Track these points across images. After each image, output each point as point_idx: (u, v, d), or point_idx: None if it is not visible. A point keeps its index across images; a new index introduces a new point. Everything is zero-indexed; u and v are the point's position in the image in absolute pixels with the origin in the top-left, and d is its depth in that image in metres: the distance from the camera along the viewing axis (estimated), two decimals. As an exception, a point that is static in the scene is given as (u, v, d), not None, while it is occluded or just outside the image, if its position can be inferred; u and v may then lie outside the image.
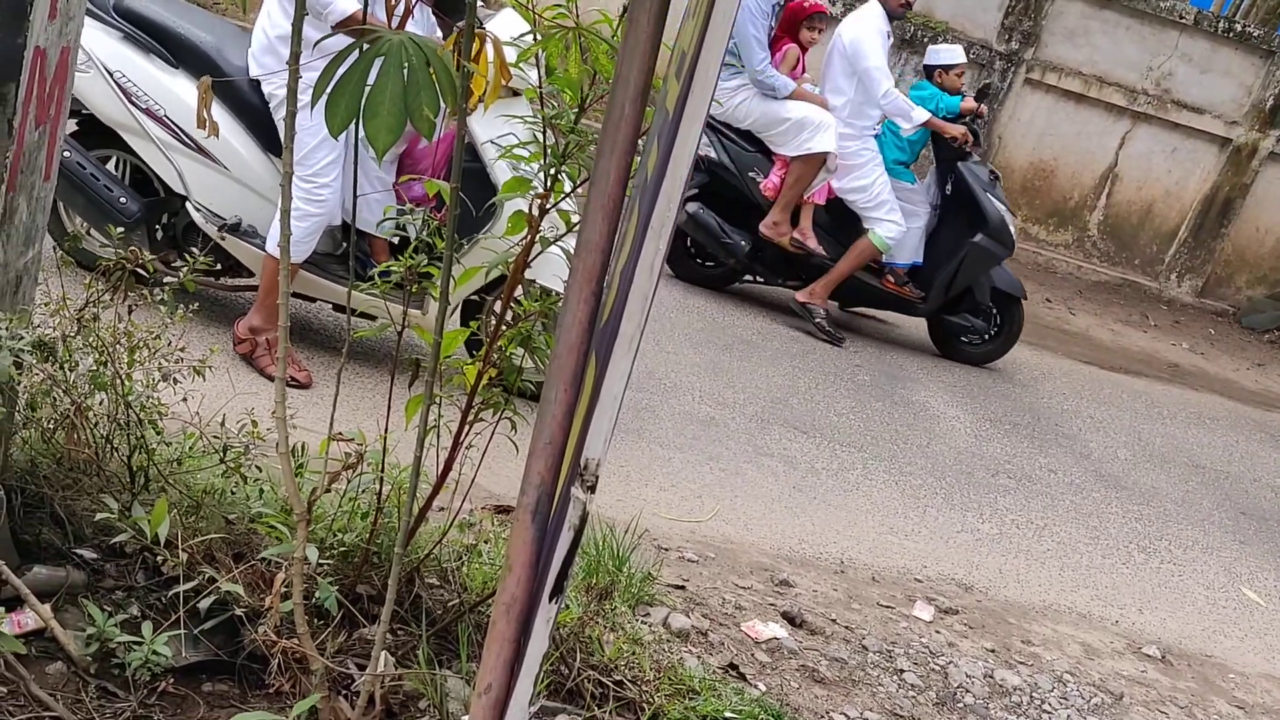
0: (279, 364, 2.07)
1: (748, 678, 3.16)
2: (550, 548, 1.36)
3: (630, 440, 4.50)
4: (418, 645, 2.45)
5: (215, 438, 2.59)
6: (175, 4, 4.39)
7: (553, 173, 2.26)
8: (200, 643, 2.35)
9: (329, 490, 2.29)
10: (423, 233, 2.40)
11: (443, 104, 1.63)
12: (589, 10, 2.11)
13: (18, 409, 2.42)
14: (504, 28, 3.96)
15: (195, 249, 4.32)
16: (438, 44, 1.74)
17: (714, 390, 5.33)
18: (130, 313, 2.55)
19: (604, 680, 2.65)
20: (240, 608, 2.33)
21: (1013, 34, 9.81)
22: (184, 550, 2.30)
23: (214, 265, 4.36)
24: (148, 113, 4.12)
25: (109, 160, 4.34)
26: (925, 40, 9.36)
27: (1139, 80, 9.91)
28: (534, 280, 3.79)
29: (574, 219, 2.33)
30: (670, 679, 2.79)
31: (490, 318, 2.59)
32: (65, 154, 4.05)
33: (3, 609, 2.18)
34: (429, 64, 1.60)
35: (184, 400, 2.59)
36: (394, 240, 4.19)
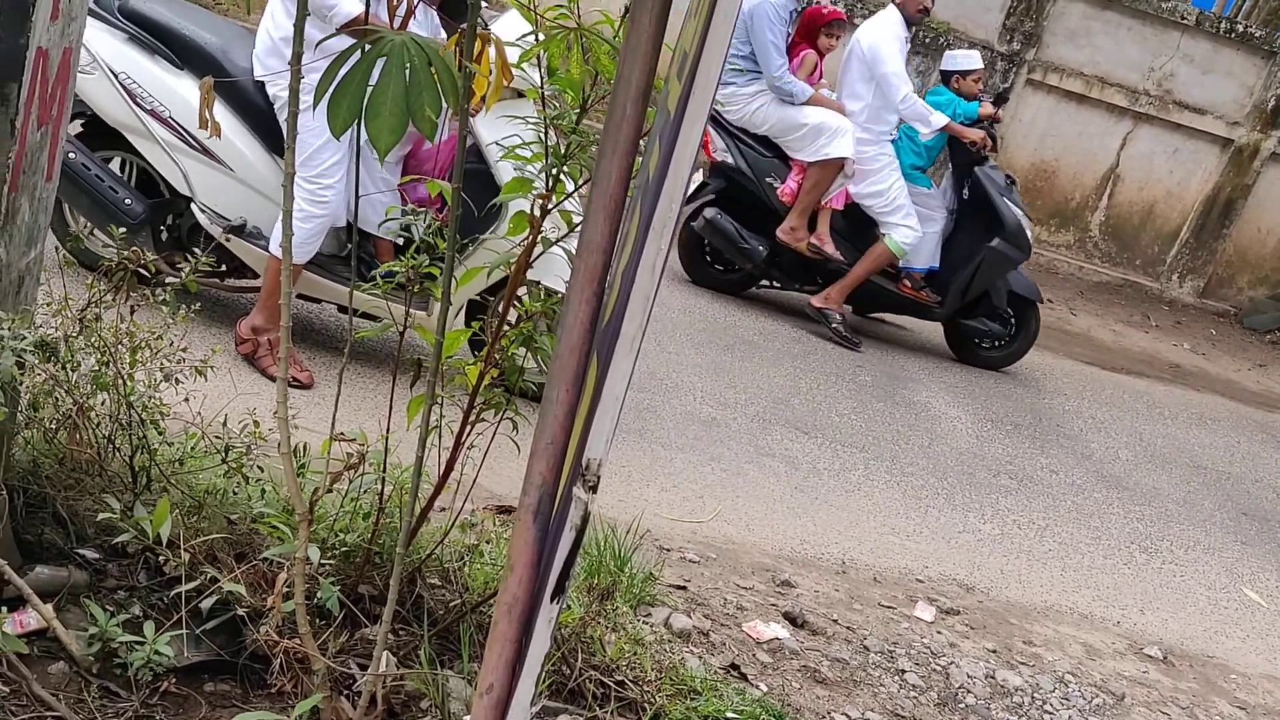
0: (281, 364, 2.07)
1: (749, 678, 3.16)
2: (552, 548, 1.36)
3: (632, 441, 4.51)
4: (419, 645, 2.45)
5: (217, 438, 2.59)
6: (180, 5, 4.40)
7: (554, 173, 2.26)
8: (202, 643, 2.35)
9: (331, 490, 2.29)
10: (426, 234, 2.40)
11: (445, 105, 1.63)
12: (590, 11, 2.11)
13: (20, 409, 2.42)
14: (509, 29, 3.96)
15: (199, 250, 4.33)
16: (440, 45, 1.74)
17: (716, 390, 5.33)
18: (132, 313, 2.56)
19: (605, 680, 2.65)
20: (242, 608, 2.33)
21: (1014, 34, 9.80)
22: (186, 550, 2.30)
23: (219, 267, 4.38)
24: (152, 114, 4.12)
25: (111, 161, 4.34)
26: (926, 40, 9.37)
27: (1140, 81, 9.91)
28: (539, 281, 3.80)
29: (575, 219, 2.33)
30: (672, 679, 2.79)
31: (494, 318, 2.59)
32: (70, 155, 4.06)
33: (5, 609, 2.19)
34: (431, 65, 1.60)
35: (186, 400, 2.59)
36: (399, 241, 4.19)
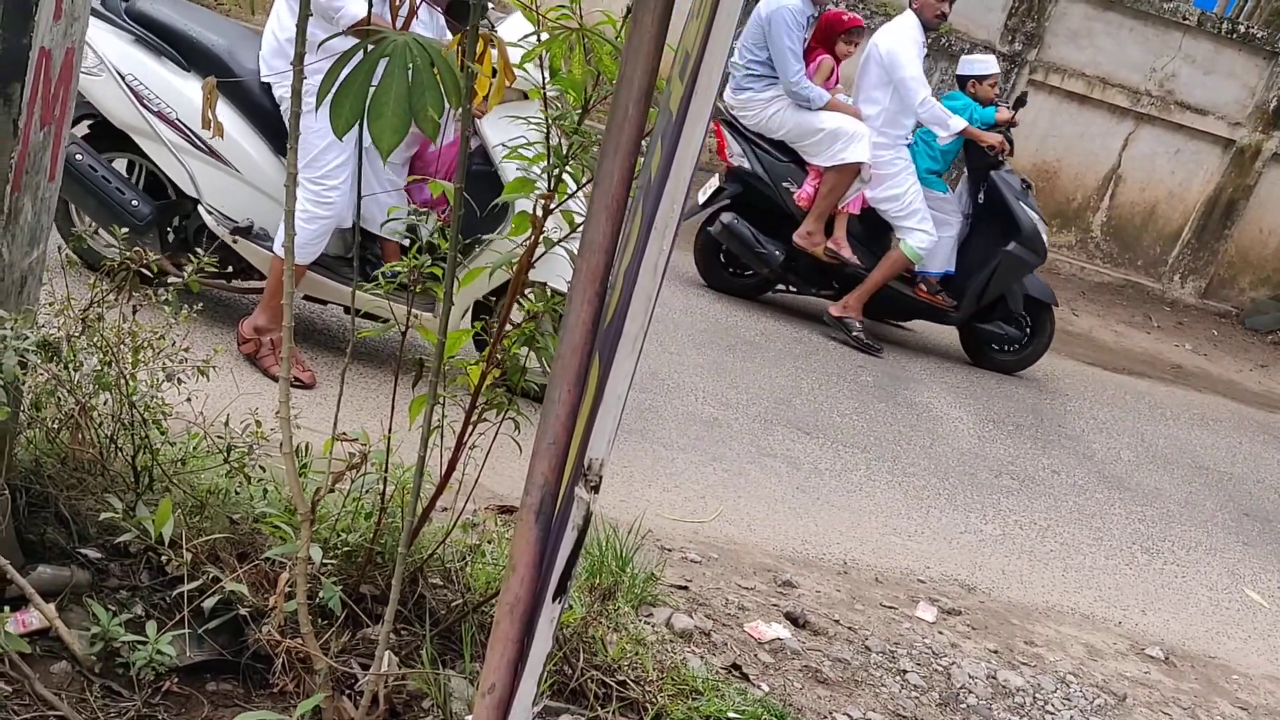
0: (283, 364, 2.07)
1: (751, 678, 3.16)
2: (554, 548, 1.36)
3: (633, 441, 4.51)
4: (421, 645, 2.45)
5: (219, 438, 2.60)
6: (187, 7, 4.40)
7: (556, 173, 2.26)
8: (204, 642, 2.35)
9: (333, 490, 2.29)
10: (431, 234, 2.40)
11: (448, 105, 1.63)
12: (592, 11, 2.11)
13: (23, 409, 2.42)
14: (515, 31, 3.96)
15: (208, 252, 4.34)
16: (442, 45, 1.74)
17: (717, 391, 5.33)
18: (134, 313, 2.56)
19: (607, 680, 2.65)
20: (244, 607, 2.33)
21: (1016, 35, 9.80)
22: (188, 550, 2.30)
23: (225, 268, 4.39)
24: (159, 115, 4.12)
25: (116, 163, 4.35)
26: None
27: (1142, 81, 9.91)
28: (545, 283, 3.80)
29: (577, 219, 2.33)
30: (673, 679, 2.79)
31: (496, 318, 2.59)
32: (77, 157, 4.07)
33: (8, 608, 2.19)
34: (433, 65, 1.60)
35: (188, 400, 2.59)
36: (405, 243, 4.20)
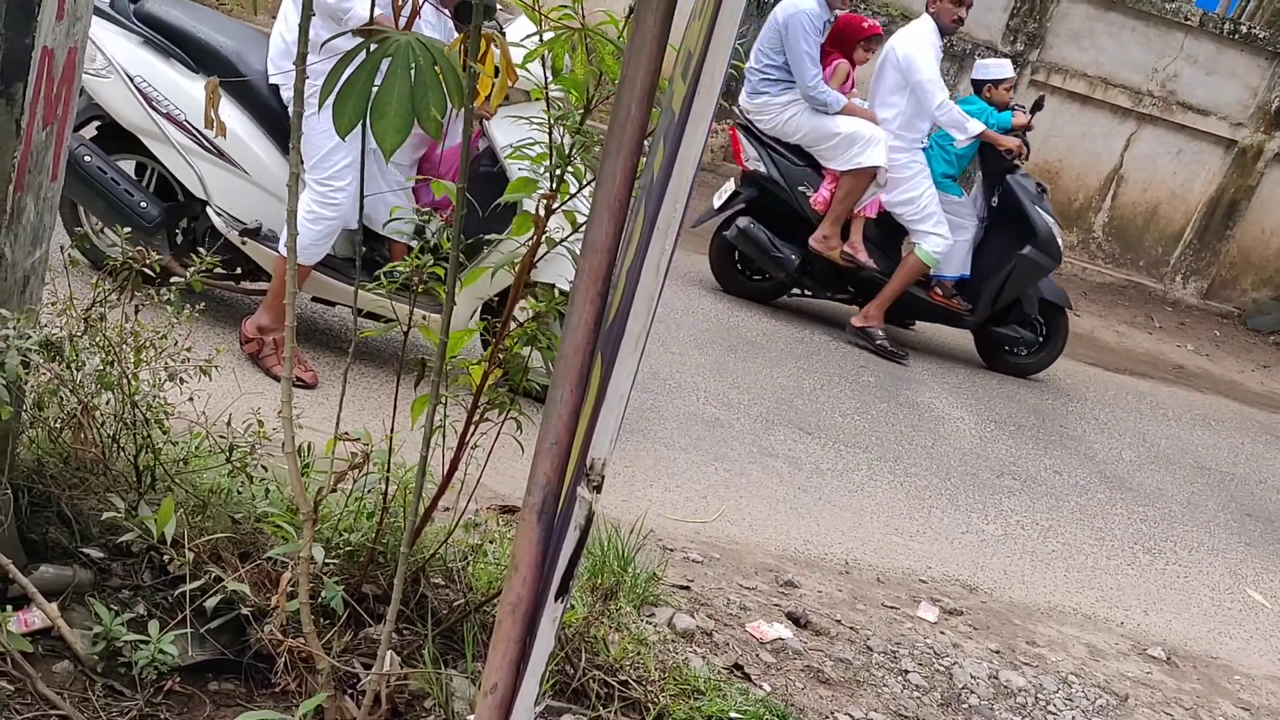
0: (285, 364, 2.07)
1: (752, 678, 3.16)
2: (556, 548, 1.36)
3: (635, 441, 4.51)
4: (423, 645, 2.45)
5: (221, 437, 2.60)
6: (195, 9, 4.41)
7: (558, 173, 2.26)
8: (206, 642, 2.35)
9: (335, 490, 2.29)
10: (439, 235, 2.40)
11: (451, 106, 1.63)
12: (595, 11, 2.11)
13: (25, 408, 2.43)
14: (522, 32, 3.97)
15: (210, 252, 4.34)
16: (445, 45, 1.74)
17: (719, 391, 5.33)
18: (137, 312, 2.56)
19: (609, 680, 2.65)
20: (246, 607, 2.33)
21: (1018, 35, 9.80)
22: (190, 549, 2.30)
23: (234, 270, 4.40)
24: (168, 117, 4.13)
25: (122, 165, 4.35)
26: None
27: (1144, 82, 9.90)
28: (553, 284, 3.79)
29: (580, 219, 2.33)
30: (675, 679, 2.79)
31: (499, 319, 2.60)
32: (86, 158, 4.08)
33: (10, 607, 2.19)
34: (436, 64, 1.60)
35: (190, 400, 2.59)
36: (412, 244, 4.20)
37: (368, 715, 2.21)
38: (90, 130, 4.33)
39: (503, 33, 3.94)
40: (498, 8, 4.04)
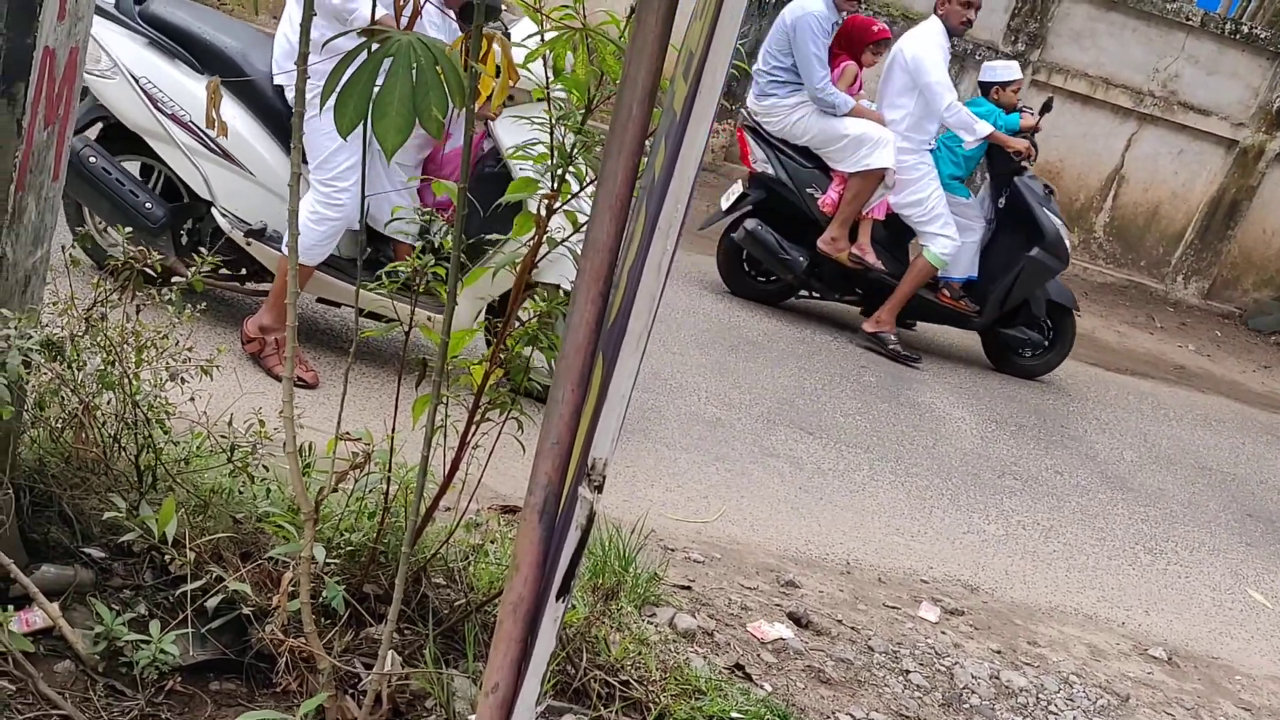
0: (287, 363, 2.07)
1: (753, 678, 3.16)
2: (557, 547, 1.36)
3: (636, 441, 4.51)
4: (424, 644, 2.45)
5: (223, 437, 2.60)
6: (200, 10, 4.41)
7: (560, 173, 2.26)
8: (208, 641, 2.35)
9: (336, 490, 2.29)
10: (435, 235, 2.40)
11: (454, 106, 1.63)
12: (596, 11, 2.11)
13: (26, 408, 2.43)
14: (526, 34, 3.97)
15: (215, 253, 4.34)
16: (447, 45, 1.74)
17: (720, 391, 5.33)
18: (138, 312, 2.56)
19: (610, 680, 2.65)
20: (248, 607, 2.33)
21: (1019, 35, 9.80)
22: (191, 549, 2.30)
23: (239, 271, 4.40)
24: (173, 118, 4.12)
25: (127, 165, 4.35)
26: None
27: (1145, 82, 9.90)
28: (558, 286, 3.79)
29: (580, 219, 2.33)
30: (676, 679, 2.79)
31: (501, 319, 2.60)
32: (91, 159, 4.08)
33: (11, 607, 2.19)
34: (437, 65, 1.60)
35: (191, 400, 2.60)
36: (418, 245, 4.20)
37: (369, 715, 2.21)
38: (94, 131, 4.33)
39: (508, 34, 3.94)
40: (503, 9, 4.04)
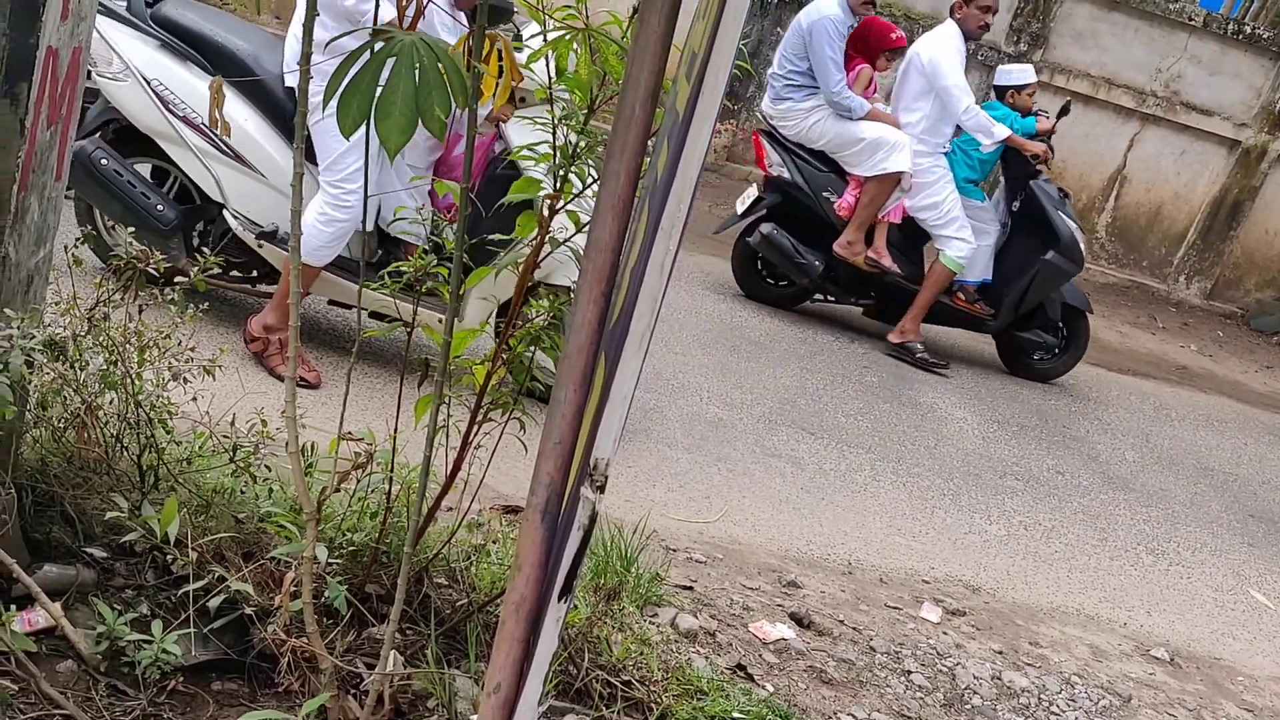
0: (290, 363, 2.07)
1: (755, 678, 3.16)
2: (560, 547, 1.36)
3: (638, 441, 4.51)
4: (426, 644, 2.45)
5: (225, 437, 2.60)
6: (212, 12, 4.42)
7: (562, 174, 2.26)
8: (210, 641, 2.35)
9: (338, 490, 2.29)
10: (437, 235, 2.40)
11: (456, 107, 1.63)
12: (598, 11, 2.11)
13: (29, 408, 2.43)
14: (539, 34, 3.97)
15: (231, 256, 4.35)
16: (449, 46, 1.74)
17: (722, 391, 5.33)
18: (140, 312, 2.56)
19: (612, 680, 2.65)
20: (250, 607, 2.33)
21: (1021, 35, 9.79)
22: (194, 549, 2.30)
23: (250, 273, 4.40)
24: (185, 120, 4.13)
25: (138, 167, 4.35)
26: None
27: (1148, 82, 9.89)
28: (569, 288, 3.80)
29: (582, 219, 2.33)
30: (678, 679, 2.80)
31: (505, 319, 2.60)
32: (103, 162, 4.09)
33: (14, 607, 2.20)
34: (440, 64, 1.60)
35: (194, 400, 2.60)
36: (428, 247, 4.21)
37: (371, 715, 2.21)
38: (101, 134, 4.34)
39: (520, 36, 3.94)
40: (513, 10, 4.03)
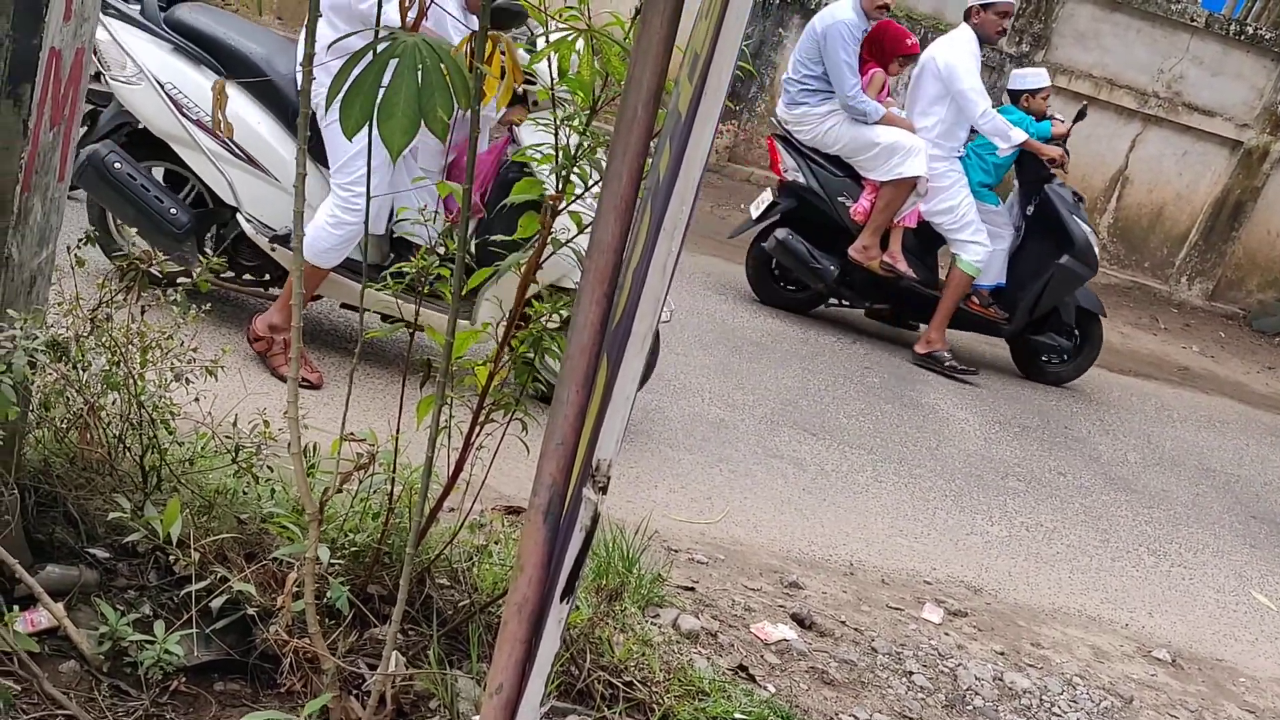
0: (292, 364, 2.07)
1: (757, 679, 3.16)
2: (562, 548, 1.36)
3: (640, 442, 4.51)
4: (429, 645, 2.45)
5: (227, 438, 2.60)
6: (225, 15, 4.43)
7: (565, 174, 2.27)
8: (212, 642, 2.35)
9: (341, 490, 2.30)
10: (440, 237, 2.41)
11: (459, 108, 1.63)
12: (601, 12, 2.11)
13: (32, 409, 2.43)
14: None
15: (246, 260, 4.35)
16: (451, 46, 1.74)
17: (723, 392, 5.33)
18: (143, 313, 2.56)
19: (614, 681, 2.65)
20: (252, 607, 2.34)
21: (1023, 36, 9.79)
22: (196, 550, 2.31)
23: (263, 276, 4.41)
24: (198, 124, 4.13)
25: (152, 171, 4.36)
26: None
27: (1150, 83, 9.89)
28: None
29: (585, 220, 2.33)
30: (680, 680, 2.80)
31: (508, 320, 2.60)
32: (116, 165, 4.09)
33: (17, 607, 2.20)
34: (443, 65, 1.61)
35: (196, 400, 2.60)
36: (439, 250, 4.21)
37: (373, 716, 2.21)
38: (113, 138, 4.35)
39: (533, 39, 3.93)
40: (527, 15, 4.04)
